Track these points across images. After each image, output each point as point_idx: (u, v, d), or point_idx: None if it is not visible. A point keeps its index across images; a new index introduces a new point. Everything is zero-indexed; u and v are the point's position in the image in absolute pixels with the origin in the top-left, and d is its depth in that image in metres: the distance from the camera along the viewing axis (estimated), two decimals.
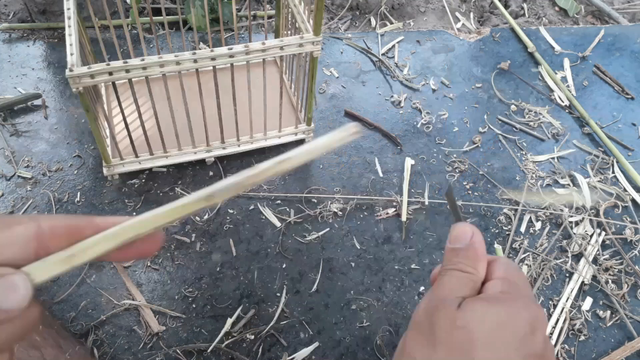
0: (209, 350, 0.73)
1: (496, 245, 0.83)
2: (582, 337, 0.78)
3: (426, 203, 0.90)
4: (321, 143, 0.30)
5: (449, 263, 0.39)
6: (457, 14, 1.28)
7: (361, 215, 0.88)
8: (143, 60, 0.71)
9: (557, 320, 0.79)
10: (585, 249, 0.86)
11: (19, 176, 0.89)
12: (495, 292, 0.37)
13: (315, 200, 0.89)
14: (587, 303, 0.81)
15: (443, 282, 0.38)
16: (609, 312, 0.81)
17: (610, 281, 0.84)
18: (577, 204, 0.91)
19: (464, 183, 0.94)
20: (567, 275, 0.84)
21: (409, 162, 0.95)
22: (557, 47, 1.19)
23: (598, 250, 0.87)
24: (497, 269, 0.39)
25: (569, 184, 0.95)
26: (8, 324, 0.27)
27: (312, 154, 0.30)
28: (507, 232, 0.88)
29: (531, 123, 1.04)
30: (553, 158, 0.99)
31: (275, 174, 0.30)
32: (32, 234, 0.29)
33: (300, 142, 0.96)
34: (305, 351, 0.74)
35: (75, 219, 0.30)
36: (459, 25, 1.25)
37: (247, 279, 0.80)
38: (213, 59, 0.73)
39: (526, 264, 0.84)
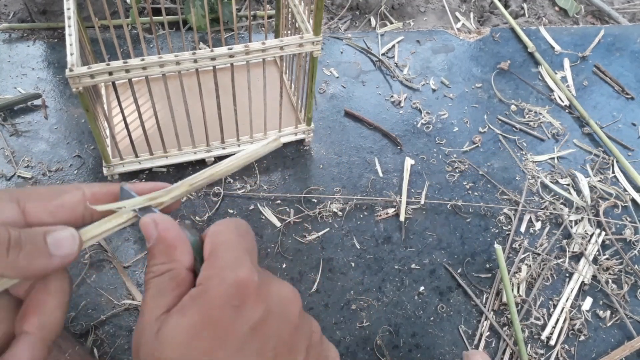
0: None
1: (496, 245, 0.83)
2: (582, 337, 0.78)
3: (422, 202, 0.90)
4: (248, 153, 0.35)
5: (147, 272, 0.34)
6: (457, 14, 1.28)
7: (361, 215, 0.88)
8: (143, 60, 0.71)
9: (557, 320, 0.79)
10: (585, 249, 0.86)
11: (19, 176, 0.89)
12: (191, 291, 0.32)
13: (315, 200, 0.89)
14: (587, 303, 0.81)
15: (144, 301, 0.33)
16: (609, 312, 0.81)
17: (610, 281, 0.84)
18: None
19: (464, 183, 0.94)
20: (567, 275, 0.84)
21: (408, 162, 0.95)
22: (557, 47, 1.19)
23: (598, 250, 0.87)
24: (205, 248, 0.33)
25: (569, 184, 0.95)
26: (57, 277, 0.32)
27: (240, 163, 0.35)
28: (507, 232, 0.88)
29: (531, 123, 1.04)
30: (553, 158, 0.99)
31: (211, 179, 0.35)
32: (79, 200, 0.34)
33: (300, 142, 0.96)
34: None
35: (111, 186, 0.36)
36: (459, 25, 1.25)
37: None
38: (213, 59, 0.73)
39: (526, 264, 0.84)
